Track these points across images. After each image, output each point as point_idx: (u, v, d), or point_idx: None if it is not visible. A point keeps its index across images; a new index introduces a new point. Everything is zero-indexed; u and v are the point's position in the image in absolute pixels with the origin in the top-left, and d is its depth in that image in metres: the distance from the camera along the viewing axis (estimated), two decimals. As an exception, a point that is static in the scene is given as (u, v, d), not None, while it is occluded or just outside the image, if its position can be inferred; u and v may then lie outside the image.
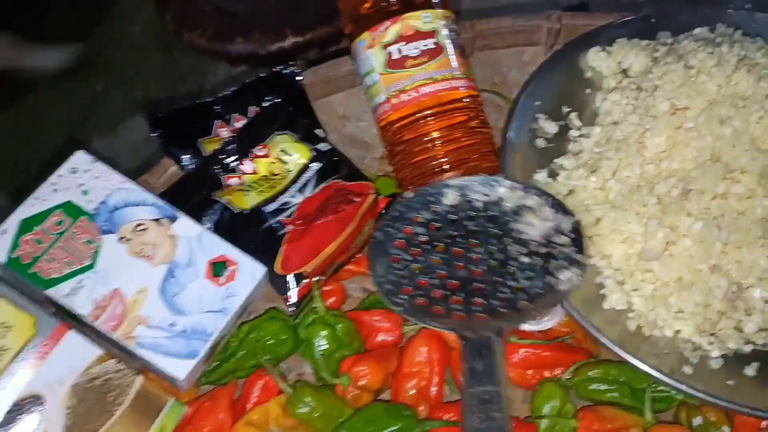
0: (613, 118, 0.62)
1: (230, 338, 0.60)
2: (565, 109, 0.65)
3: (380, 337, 0.62)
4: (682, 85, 0.59)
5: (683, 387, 0.51)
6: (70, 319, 0.56)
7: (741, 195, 0.55)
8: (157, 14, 1.25)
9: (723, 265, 0.54)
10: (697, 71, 0.59)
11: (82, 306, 0.55)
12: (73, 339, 0.54)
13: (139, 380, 0.55)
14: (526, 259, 0.56)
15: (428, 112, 0.63)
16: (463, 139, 0.63)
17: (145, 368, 0.57)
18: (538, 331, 0.61)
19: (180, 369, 0.55)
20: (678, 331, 0.54)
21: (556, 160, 0.62)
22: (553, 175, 0.62)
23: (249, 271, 0.59)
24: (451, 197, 0.59)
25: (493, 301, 0.55)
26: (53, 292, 0.56)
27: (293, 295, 0.60)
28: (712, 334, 0.54)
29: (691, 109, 0.58)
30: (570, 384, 0.59)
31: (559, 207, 0.58)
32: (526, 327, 0.61)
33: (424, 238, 0.58)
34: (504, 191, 0.59)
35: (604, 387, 0.58)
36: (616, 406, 0.57)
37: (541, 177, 0.61)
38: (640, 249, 0.55)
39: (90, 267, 0.57)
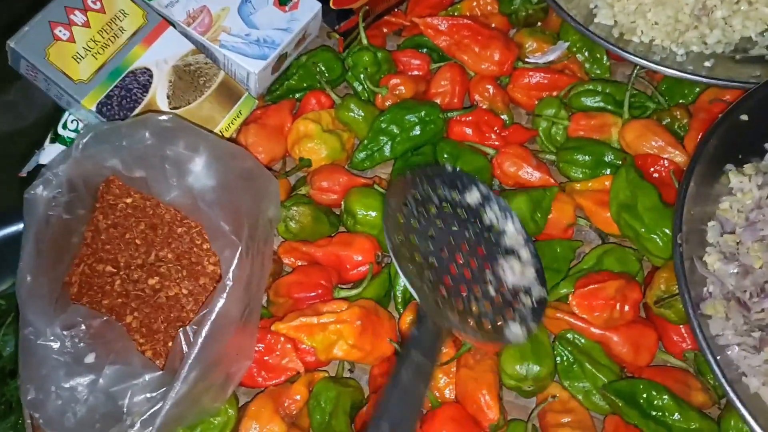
0: None
1: (290, 66, 0.75)
2: None
3: (413, 72, 0.76)
4: None
5: (660, 68, 0.64)
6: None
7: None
8: None
9: (692, -11, 0.67)
10: None
11: (178, 14, 0.70)
12: (172, 32, 0.68)
13: (222, 73, 0.69)
14: (492, 293, 0.56)
15: None
16: None
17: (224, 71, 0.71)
18: (542, 63, 0.74)
19: (254, 66, 0.69)
20: (653, 39, 0.68)
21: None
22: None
23: (309, 4, 0.73)
24: (474, 197, 0.60)
25: (456, 302, 0.55)
26: (155, 4, 0.70)
27: (343, 25, 0.74)
28: (680, 42, 0.67)
29: None
30: (565, 100, 0.72)
31: (540, 275, 0.59)
32: (532, 59, 0.75)
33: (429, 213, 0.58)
34: (511, 228, 0.60)
35: (592, 99, 0.71)
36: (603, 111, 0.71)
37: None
38: (626, -23, 0.69)
39: (184, -11, 0.71)
